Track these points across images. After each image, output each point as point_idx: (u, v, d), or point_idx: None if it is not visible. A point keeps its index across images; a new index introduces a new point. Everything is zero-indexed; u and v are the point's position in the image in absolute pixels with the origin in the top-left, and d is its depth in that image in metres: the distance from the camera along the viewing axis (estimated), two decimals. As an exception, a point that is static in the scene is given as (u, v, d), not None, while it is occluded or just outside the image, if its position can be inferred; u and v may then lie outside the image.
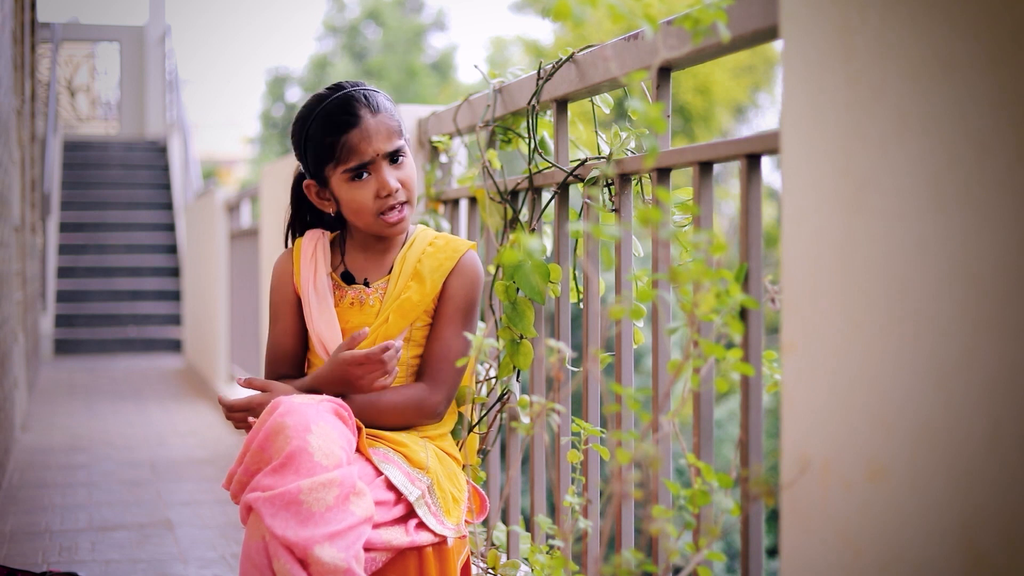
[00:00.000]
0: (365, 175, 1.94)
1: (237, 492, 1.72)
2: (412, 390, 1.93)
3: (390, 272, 2.00)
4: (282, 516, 1.61)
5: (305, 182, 2.03)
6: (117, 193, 11.39)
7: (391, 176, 1.94)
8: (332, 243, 2.07)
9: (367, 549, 1.72)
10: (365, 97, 1.94)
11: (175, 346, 9.74)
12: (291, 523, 1.60)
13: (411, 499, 1.80)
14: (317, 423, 1.68)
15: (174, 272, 10.55)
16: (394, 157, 1.95)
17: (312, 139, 1.95)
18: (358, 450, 1.83)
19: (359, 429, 1.82)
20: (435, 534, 1.82)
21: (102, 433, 5.24)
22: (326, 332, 1.96)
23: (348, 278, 2.00)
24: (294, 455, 1.64)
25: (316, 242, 2.04)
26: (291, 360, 2.03)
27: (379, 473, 1.81)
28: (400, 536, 1.78)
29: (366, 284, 1.99)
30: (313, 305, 1.98)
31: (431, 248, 2.00)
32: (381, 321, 1.95)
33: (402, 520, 1.80)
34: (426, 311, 1.97)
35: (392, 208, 1.95)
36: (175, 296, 10.25)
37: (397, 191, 1.94)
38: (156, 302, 10.23)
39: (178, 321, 9.96)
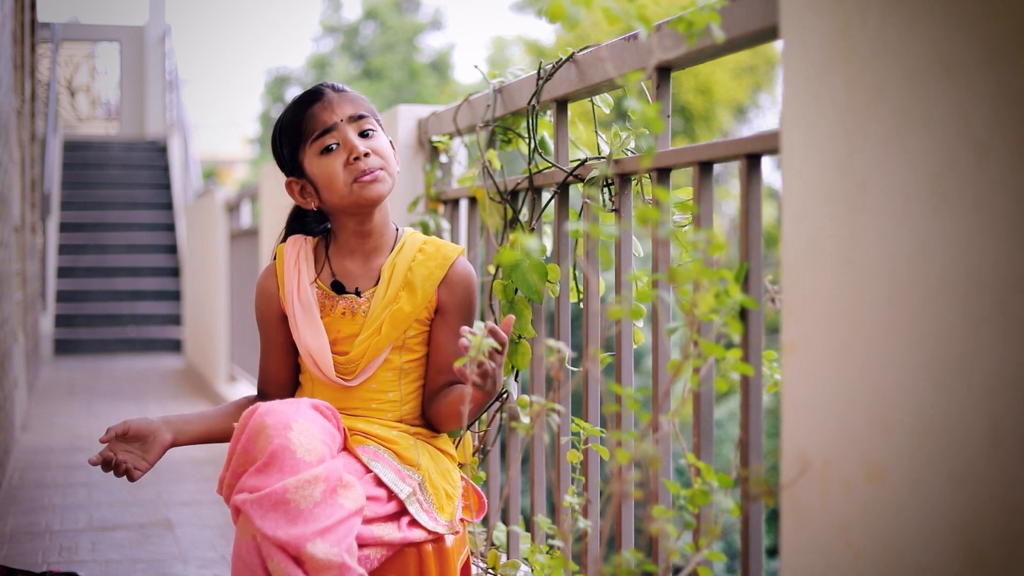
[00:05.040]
0: (334, 146, 1.92)
1: (228, 495, 1.73)
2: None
3: (379, 280, 1.97)
4: (271, 517, 1.61)
5: (287, 181, 2.02)
6: (117, 193, 11.39)
7: (359, 141, 1.93)
8: (317, 250, 2.02)
9: (360, 545, 1.72)
10: (331, 84, 2.00)
11: (175, 346, 9.74)
12: (281, 523, 1.61)
13: (402, 496, 1.80)
14: (297, 420, 1.68)
15: (174, 272, 10.55)
16: (363, 132, 1.94)
17: (284, 128, 1.98)
18: (347, 450, 1.83)
19: (343, 431, 1.83)
20: (428, 531, 1.82)
21: (102, 433, 5.23)
22: (313, 342, 1.93)
23: (338, 287, 1.96)
24: (276, 453, 1.64)
25: (298, 250, 2.01)
26: (280, 381, 2.02)
27: (368, 470, 1.82)
28: (392, 532, 1.78)
29: (357, 294, 1.96)
30: (299, 316, 1.95)
31: (421, 255, 1.97)
32: (373, 331, 1.92)
33: (394, 517, 1.81)
34: (418, 319, 1.95)
35: (364, 172, 1.91)
36: (175, 296, 10.25)
37: (367, 156, 1.92)
38: (156, 302, 10.23)
39: (178, 321, 9.96)
